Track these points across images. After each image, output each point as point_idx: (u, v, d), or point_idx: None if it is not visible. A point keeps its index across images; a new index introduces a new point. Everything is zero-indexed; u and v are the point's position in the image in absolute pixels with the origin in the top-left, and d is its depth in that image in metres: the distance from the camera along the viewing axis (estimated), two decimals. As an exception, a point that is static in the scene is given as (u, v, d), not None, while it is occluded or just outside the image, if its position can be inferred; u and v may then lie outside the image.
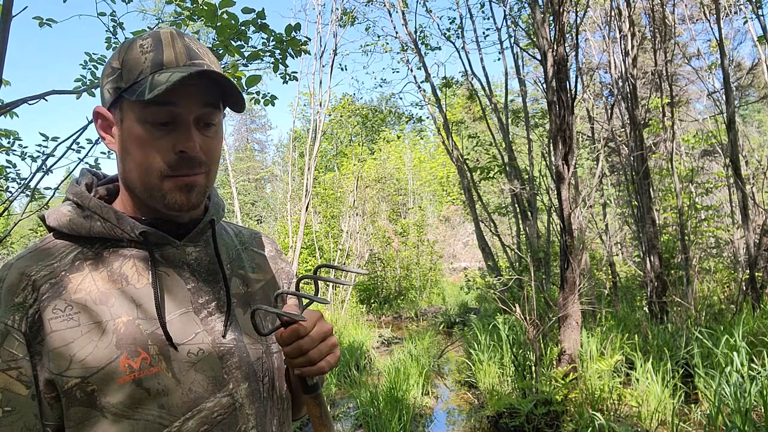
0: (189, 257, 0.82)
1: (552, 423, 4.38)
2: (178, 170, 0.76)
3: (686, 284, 6.98)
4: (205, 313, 0.80)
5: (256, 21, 3.19)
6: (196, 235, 0.84)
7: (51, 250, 0.77)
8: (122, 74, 0.76)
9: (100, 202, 0.79)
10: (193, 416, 0.74)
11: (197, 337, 0.78)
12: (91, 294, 0.74)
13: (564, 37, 5.08)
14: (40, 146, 3.70)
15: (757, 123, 21.97)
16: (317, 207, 14.18)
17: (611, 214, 12.21)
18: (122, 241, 0.79)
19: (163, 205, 0.77)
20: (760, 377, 3.74)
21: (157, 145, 0.75)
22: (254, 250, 0.96)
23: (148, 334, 0.74)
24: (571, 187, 5.22)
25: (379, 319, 12.38)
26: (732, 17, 8.83)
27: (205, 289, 0.82)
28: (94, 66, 3.65)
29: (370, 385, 5.63)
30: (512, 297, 7.52)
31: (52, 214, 0.79)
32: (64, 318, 0.71)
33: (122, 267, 0.77)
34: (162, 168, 0.76)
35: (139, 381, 0.71)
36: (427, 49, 10.99)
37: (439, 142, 20.84)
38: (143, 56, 0.75)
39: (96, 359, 0.70)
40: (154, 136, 0.75)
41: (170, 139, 0.76)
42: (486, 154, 11.05)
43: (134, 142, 0.76)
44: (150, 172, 0.76)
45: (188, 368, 0.75)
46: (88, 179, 0.85)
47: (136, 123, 0.75)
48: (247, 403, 0.80)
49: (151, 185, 0.76)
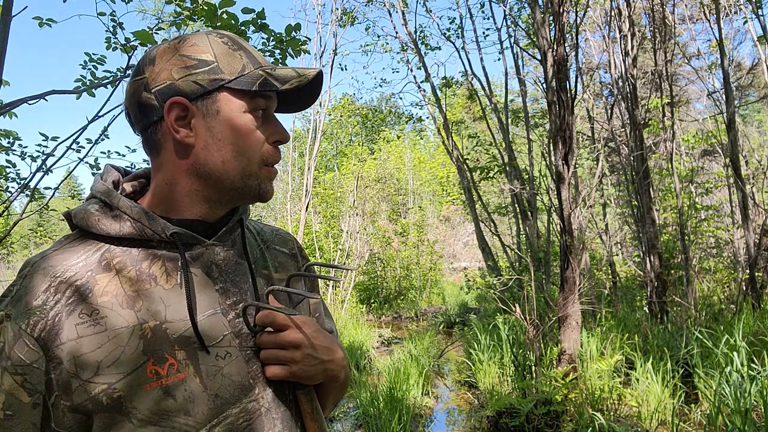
0: (217, 257, 0.81)
1: (552, 423, 4.38)
2: (274, 159, 0.81)
3: (686, 284, 6.98)
4: (233, 315, 0.79)
5: (256, 21, 3.20)
6: (224, 235, 0.83)
7: (77, 250, 0.76)
8: (219, 67, 0.77)
9: (130, 201, 0.78)
10: (220, 422, 0.73)
11: (225, 339, 0.77)
12: (118, 297, 0.72)
13: (564, 37, 5.08)
14: (40, 146, 3.70)
15: (757, 123, 21.97)
16: (317, 207, 14.18)
17: (611, 214, 12.22)
18: (152, 241, 0.77)
19: (257, 193, 0.81)
20: (760, 377, 3.74)
21: (258, 134, 0.79)
22: (277, 248, 0.95)
23: (176, 338, 0.73)
24: (571, 187, 5.22)
25: (379, 319, 12.38)
26: (732, 17, 8.84)
27: (233, 290, 0.81)
28: (94, 66, 3.65)
29: (370, 385, 5.63)
30: (512, 297, 7.52)
31: (79, 212, 0.78)
32: (91, 323, 0.70)
33: (151, 268, 0.76)
34: (263, 156, 0.80)
35: (166, 388, 0.70)
36: (427, 49, 11.01)
37: (439, 142, 20.85)
38: (236, 53, 0.79)
39: (122, 365, 0.69)
40: (257, 126, 0.79)
41: (266, 129, 0.81)
42: (486, 154, 11.05)
43: (238, 131, 0.78)
44: (253, 160, 0.79)
45: (215, 372, 0.74)
46: (114, 176, 0.83)
47: (241, 113, 0.78)
48: (273, 408, 0.79)
49: (252, 173, 0.79)
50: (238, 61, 0.78)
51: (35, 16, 3.21)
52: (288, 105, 0.87)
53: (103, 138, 3.91)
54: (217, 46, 0.78)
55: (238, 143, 0.78)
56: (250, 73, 0.77)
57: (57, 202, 19.13)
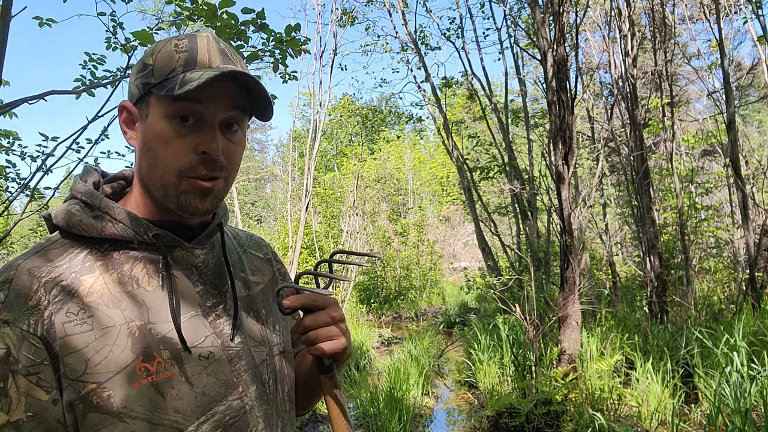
0: (197, 260, 0.82)
1: (552, 423, 4.38)
2: (197, 171, 0.75)
3: (686, 284, 6.98)
4: (214, 316, 0.80)
5: (255, 21, 3.19)
6: (204, 238, 0.83)
7: (59, 251, 0.75)
8: (153, 71, 0.75)
9: (111, 202, 0.78)
10: (207, 420, 0.74)
11: (207, 340, 0.77)
12: (104, 297, 0.72)
13: (564, 37, 5.08)
14: (39, 146, 3.70)
15: (757, 123, 21.97)
16: (317, 207, 14.18)
17: (611, 214, 12.22)
18: (132, 242, 0.77)
19: (176, 205, 0.76)
20: (760, 377, 3.73)
21: (179, 143, 0.74)
22: (252, 252, 0.97)
23: (160, 338, 0.73)
24: (571, 187, 5.22)
25: (379, 319, 12.38)
26: (732, 17, 8.83)
27: (212, 292, 0.81)
28: (93, 66, 3.64)
29: (370, 385, 5.63)
30: (512, 297, 7.52)
31: (60, 213, 0.77)
32: (78, 322, 0.70)
33: (133, 270, 0.76)
34: (181, 167, 0.74)
35: (156, 384, 0.71)
36: (427, 49, 11.01)
37: (439, 142, 20.85)
38: (177, 55, 0.75)
39: (111, 364, 0.69)
40: (179, 134, 0.74)
41: (194, 139, 0.74)
42: (486, 154, 11.05)
43: (157, 138, 0.75)
44: (168, 170, 0.75)
45: (200, 372, 0.75)
46: (95, 177, 0.83)
47: (161, 119, 0.75)
48: (256, 406, 0.80)
49: (168, 183, 0.75)
50: (170, 64, 0.75)
51: (35, 16, 3.21)
52: (257, 112, 0.82)
53: (103, 138, 3.91)
54: (165, 50, 0.76)
55: (155, 151, 0.75)
56: (174, 77, 0.74)
57: (57, 202, 19.09)
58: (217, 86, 0.74)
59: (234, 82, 0.76)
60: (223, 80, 0.74)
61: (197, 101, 0.73)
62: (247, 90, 0.78)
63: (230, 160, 0.78)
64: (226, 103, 0.76)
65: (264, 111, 0.80)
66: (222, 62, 0.76)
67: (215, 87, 0.74)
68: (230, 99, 0.76)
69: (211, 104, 0.74)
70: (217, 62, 0.75)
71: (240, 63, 0.79)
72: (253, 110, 0.81)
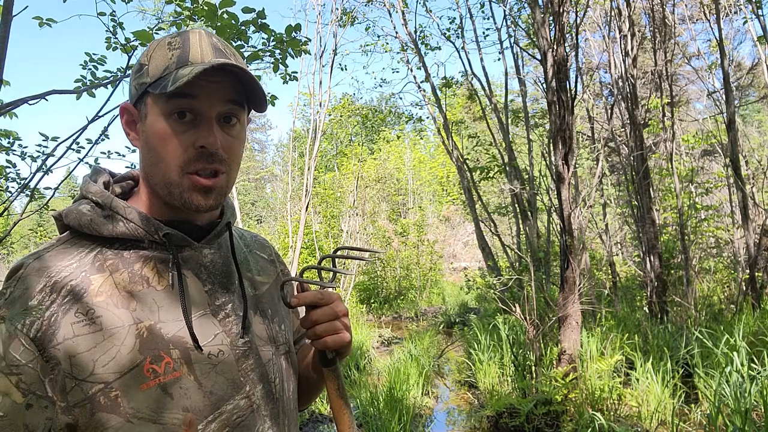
0: (205, 259, 0.82)
1: (552, 423, 4.38)
2: (197, 166, 0.75)
3: (686, 284, 6.98)
4: (222, 315, 0.80)
5: (256, 21, 3.19)
6: (212, 238, 0.84)
7: (70, 251, 0.76)
8: (148, 70, 0.76)
9: (122, 202, 0.78)
10: (215, 419, 0.74)
11: (216, 338, 0.78)
12: (113, 297, 0.73)
13: (564, 37, 5.08)
14: (40, 146, 3.69)
15: (757, 123, 21.97)
16: (317, 207, 14.18)
17: (611, 214, 12.22)
18: (143, 242, 0.78)
19: (180, 203, 0.76)
20: (760, 377, 3.74)
21: (178, 139, 0.75)
22: (258, 253, 0.98)
23: (170, 337, 0.73)
24: (571, 187, 5.22)
25: (379, 319, 12.37)
26: (732, 17, 8.83)
27: (221, 291, 0.82)
28: (94, 66, 3.64)
29: (370, 385, 5.63)
30: (512, 297, 7.52)
31: (71, 212, 0.78)
32: (87, 322, 0.70)
33: (143, 269, 0.76)
34: (181, 163, 0.75)
35: (164, 386, 0.71)
36: (427, 49, 10.99)
37: (439, 142, 20.84)
38: (170, 53, 0.76)
39: (119, 364, 0.69)
40: (176, 130, 0.75)
41: (191, 135, 0.75)
42: (486, 154, 11.04)
43: (156, 137, 0.76)
44: (170, 167, 0.75)
45: (209, 371, 0.75)
46: (105, 178, 0.84)
47: (158, 117, 0.75)
48: (263, 405, 0.81)
49: (171, 181, 0.76)
50: (164, 63, 0.75)
51: (35, 16, 3.20)
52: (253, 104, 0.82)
53: (103, 138, 3.90)
54: (158, 49, 0.77)
55: (156, 149, 0.76)
56: (167, 75, 0.74)
57: (57, 202, 19.11)
58: (212, 81, 0.74)
59: (229, 77, 0.76)
60: (215, 74, 0.74)
61: (192, 97, 0.74)
62: (240, 80, 0.78)
63: (229, 153, 0.78)
64: (221, 96, 0.76)
65: (259, 101, 0.81)
66: (214, 56, 0.76)
67: (209, 82, 0.74)
68: (225, 92, 0.76)
69: (205, 99, 0.75)
70: (209, 57, 0.76)
71: (234, 56, 0.79)
72: (250, 101, 0.81)
